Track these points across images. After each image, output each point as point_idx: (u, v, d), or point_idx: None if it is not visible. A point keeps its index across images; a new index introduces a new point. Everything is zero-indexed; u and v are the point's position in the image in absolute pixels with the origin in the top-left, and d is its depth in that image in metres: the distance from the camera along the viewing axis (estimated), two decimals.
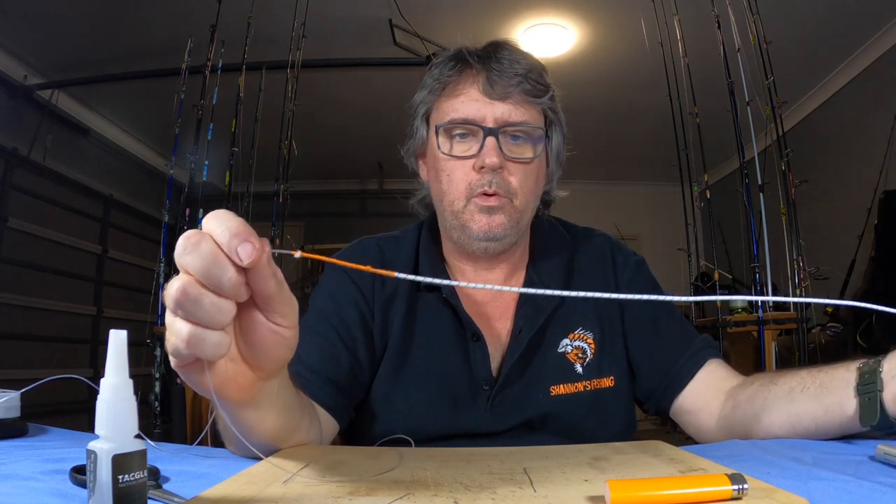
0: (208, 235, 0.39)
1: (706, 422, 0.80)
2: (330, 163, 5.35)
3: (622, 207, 5.74)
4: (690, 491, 0.41)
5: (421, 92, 0.87)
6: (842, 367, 0.64)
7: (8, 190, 3.52)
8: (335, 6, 3.23)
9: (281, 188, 3.12)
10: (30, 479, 0.51)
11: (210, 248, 0.39)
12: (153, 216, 4.17)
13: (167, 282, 0.40)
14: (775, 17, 2.86)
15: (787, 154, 2.61)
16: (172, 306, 0.39)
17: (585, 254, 0.91)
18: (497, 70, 0.79)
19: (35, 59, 3.56)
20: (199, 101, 2.94)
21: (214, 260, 0.38)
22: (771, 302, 2.41)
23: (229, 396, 0.47)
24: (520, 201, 0.81)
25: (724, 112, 2.74)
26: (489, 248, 0.82)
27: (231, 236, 0.39)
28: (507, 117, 0.79)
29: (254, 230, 0.40)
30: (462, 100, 0.81)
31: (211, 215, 0.41)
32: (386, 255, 0.88)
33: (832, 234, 3.46)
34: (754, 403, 0.71)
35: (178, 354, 0.41)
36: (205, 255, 0.38)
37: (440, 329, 0.83)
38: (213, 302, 0.39)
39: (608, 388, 0.83)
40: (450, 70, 0.83)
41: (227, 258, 0.39)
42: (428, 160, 0.88)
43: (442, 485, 0.47)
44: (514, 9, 3.34)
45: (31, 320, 3.69)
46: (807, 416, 0.65)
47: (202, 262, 0.38)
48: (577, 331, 0.84)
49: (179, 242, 0.39)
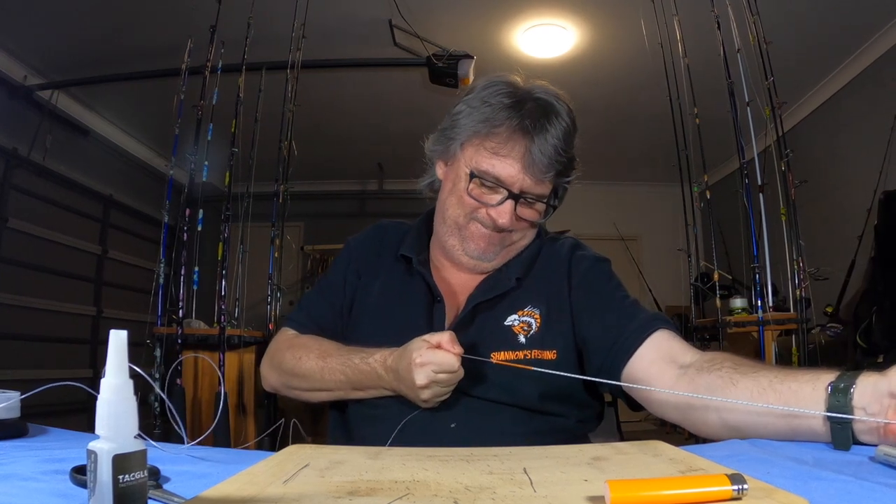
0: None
1: (657, 393, 0.79)
2: (330, 163, 5.35)
3: (622, 208, 5.74)
4: (690, 491, 0.41)
5: (469, 114, 0.92)
6: (807, 381, 0.63)
7: (8, 190, 3.52)
8: (335, 6, 3.23)
9: (281, 188, 3.12)
10: (30, 479, 0.51)
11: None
12: (153, 216, 4.17)
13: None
14: (775, 17, 2.86)
15: (786, 154, 2.60)
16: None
17: (547, 252, 1.01)
18: (540, 149, 0.87)
19: (35, 59, 3.56)
20: (199, 101, 2.93)
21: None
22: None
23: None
24: (517, 236, 0.96)
25: (724, 112, 2.74)
26: (478, 266, 0.96)
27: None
28: (531, 189, 0.91)
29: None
30: (503, 162, 0.89)
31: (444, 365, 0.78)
32: (388, 233, 1.07)
33: (832, 234, 3.46)
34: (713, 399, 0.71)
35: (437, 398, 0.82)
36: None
37: (413, 291, 0.98)
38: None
39: (550, 361, 0.88)
40: (503, 118, 0.88)
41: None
42: (448, 173, 0.98)
43: (442, 485, 0.47)
44: (513, 9, 3.34)
45: (31, 320, 3.69)
46: (770, 430, 0.66)
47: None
48: (525, 308, 0.93)
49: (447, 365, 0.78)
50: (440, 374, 0.77)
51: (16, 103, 3.58)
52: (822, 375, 0.62)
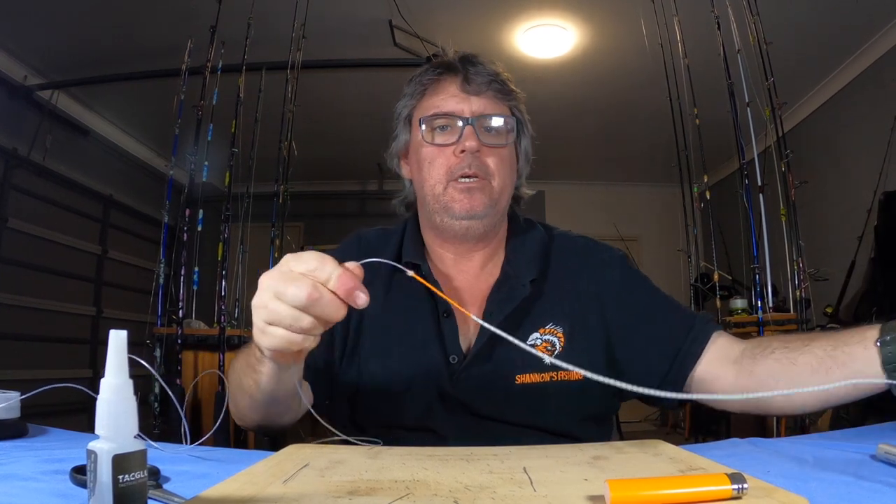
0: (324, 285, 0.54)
1: (721, 389, 0.82)
2: (330, 163, 5.35)
3: (622, 208, 5.75)
4: (690, 490, 0.41)
5: (402, 100, 0.97)
6: (857, 343, 0.68)
7: (8, 190, 3.52)
8: (335, 7, 3.23)
9: (281, 189, 3.12)
10: (30, 479, 0.51)
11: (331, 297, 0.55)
12: (153, 216, 4.16)
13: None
14: (775, 17, 2.86)
15: (786, 155, 2.60)
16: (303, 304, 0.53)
17: (561, 253, 0.95)
18: (472, 71, 0.90)
19: (35, 59, 3.56)
20: (199, 101, 2.93)
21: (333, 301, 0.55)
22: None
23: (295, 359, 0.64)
24: (497, 182, 0.89)
25: (724, 113, 2.74)
26: (471, 228, 0.89)
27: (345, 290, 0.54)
28: (482, 110, 0.90)
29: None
30: (442, 97, 0.91)
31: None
32: (373, 246, 0.97)
33: (832, 235, 3.46)
34: (779, 382, 0.74)
35: (292, 341, 0.55)
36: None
37: (416, 304, 0.90)
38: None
39: (576, 382, 0.84)
40: (430, 74, 0.93)
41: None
42: (411, 156, 0.96)
43: (442, 484, 0.47)
44: (513, 9, 3.34)
45: (31, 320, 3.69)
46: (834, 398, 0.71)
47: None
48: (547, 326, 0.88)
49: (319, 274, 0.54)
50: (280, 299, 0.53)
51: (16, 103, 3.57)
52: (866, 333, 0.68)
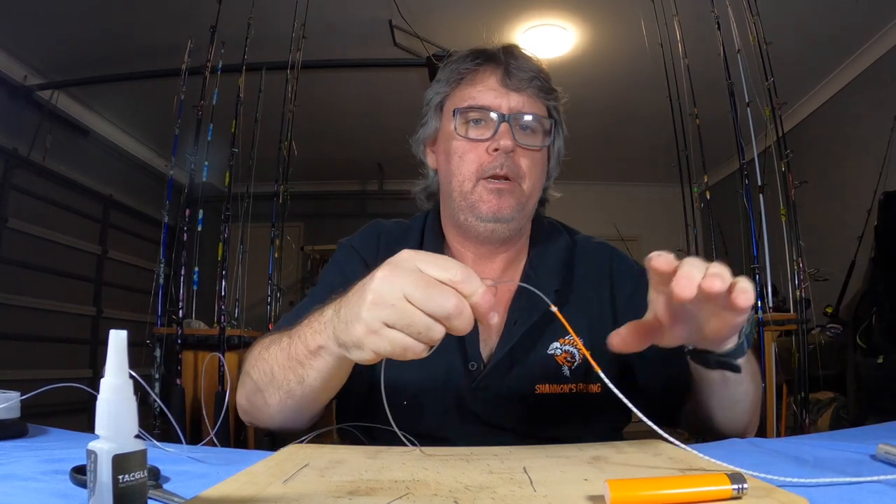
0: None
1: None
2: (330, 163, 5.34)
3: (622, 208, 5.74)
4: (690, 490, 0.41)
5: (436, 85, 0.93)
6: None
7: (8, 190, 3.52)
8: (335, 7, 3.23)
9: (281, 189, 3.12)
10: (30, 479, 0.51)
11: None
12: (153, 217, 4.16)
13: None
14: (775, 17, 2.86)
15: (787, 155, 2.60)
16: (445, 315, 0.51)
17: (584, 262, 0.93)
18: (514, 65, 0.86)
19: (35, 59, 3.56)
20: (199, 101, 2.93)
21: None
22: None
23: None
24: (528, 185, 0.86)
25: (724, 113, 2.73)
26: (496, 231, 0.86)
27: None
28: (520, 107, 0.85)
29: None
30: (480, 88, 0.86)
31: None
32: (393, 238, 0.93)
33: (832, 235, 3.45)
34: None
35: (409, 349, 0.53)
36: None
37: None
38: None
39: (595, 394, 0.83)
40: (469, 63, 0.88)
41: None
42: (439, 146, 0.92)
43: (442, 484, 0.47)
44: (514, 9, 3.34)
45: (31, 320, 3.69)
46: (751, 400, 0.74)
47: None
48: (567, 336, 0.85)
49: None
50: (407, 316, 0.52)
51: (16, 103, 3.57)
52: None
